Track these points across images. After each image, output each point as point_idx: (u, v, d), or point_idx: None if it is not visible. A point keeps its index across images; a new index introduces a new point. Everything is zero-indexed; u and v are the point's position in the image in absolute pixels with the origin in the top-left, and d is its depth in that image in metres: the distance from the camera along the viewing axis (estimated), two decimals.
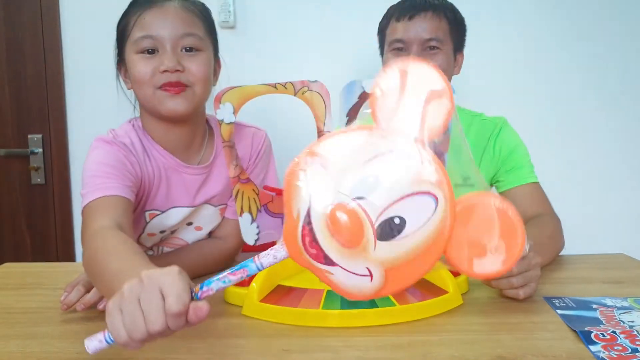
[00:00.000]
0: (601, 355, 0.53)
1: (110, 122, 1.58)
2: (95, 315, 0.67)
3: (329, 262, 0.46)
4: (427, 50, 1.09)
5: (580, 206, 1.59)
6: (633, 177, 1.63)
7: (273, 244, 0.80)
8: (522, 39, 1.59)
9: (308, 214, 0.46)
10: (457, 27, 1.14)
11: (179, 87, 0.83)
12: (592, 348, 0.55)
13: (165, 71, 0.82)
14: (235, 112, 0.76)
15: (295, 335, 0.59)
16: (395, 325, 0.61)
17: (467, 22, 1.50)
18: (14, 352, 0.56)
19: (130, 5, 0.90)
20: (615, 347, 0.55)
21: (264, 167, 0.97)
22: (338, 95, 0.77)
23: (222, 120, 0.76)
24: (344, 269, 0.46)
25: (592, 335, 0.57)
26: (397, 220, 0.45)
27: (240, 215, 0.78)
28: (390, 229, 0.45)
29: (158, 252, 0.98)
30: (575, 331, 0.58)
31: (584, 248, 1.00)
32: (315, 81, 0.76)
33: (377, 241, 0.45)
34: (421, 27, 1.08)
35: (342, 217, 0.45)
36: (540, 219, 1.01)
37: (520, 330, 0.59)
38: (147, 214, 0.91)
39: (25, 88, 1.68)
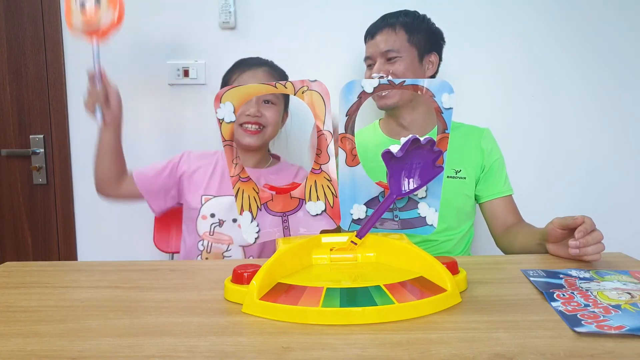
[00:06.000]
0: (560, 309, 0.64)
1: None
2: (95, 314, 0.67)
3: None
4: (387, 60, 1.28)
5: (579, 206, 1.59)
6: (633, 177, 1.63)
7: (273, 242, 0.80)
8: (518, 40, 1.59)
9: None
10: (418, 35, 1.29)
11: (256, 126, 1.22)
12: (553, 304, 0.66)
13: (248, 115, 1.20)
14: (235, 111, 0.76)
15: (294, 332, 0.59)
16: (394, 323, 0.61)
17: (465, 24, 1.53)
18: (15, 351, 0.56)
19: (234, 66, 1.29)
20: (571, 303, 0.66)
21: None
22: (338, 95, 0.77)
23: (223, 120, 0.76)
24: None
25: (555, 295, 0.69)
26: None
27: (241, 213, 0.78)
28: None
29: (209, 249, 1.22)
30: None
31: None
32: (315, 80, 0.76)
33: None
34: (380, 43, 1.29)
35: None
36: (523, 222, 1.24)
37: (518, 329, 0.59)
38: (203, 197, 1.24)
39: (26, 88, 1.69)
